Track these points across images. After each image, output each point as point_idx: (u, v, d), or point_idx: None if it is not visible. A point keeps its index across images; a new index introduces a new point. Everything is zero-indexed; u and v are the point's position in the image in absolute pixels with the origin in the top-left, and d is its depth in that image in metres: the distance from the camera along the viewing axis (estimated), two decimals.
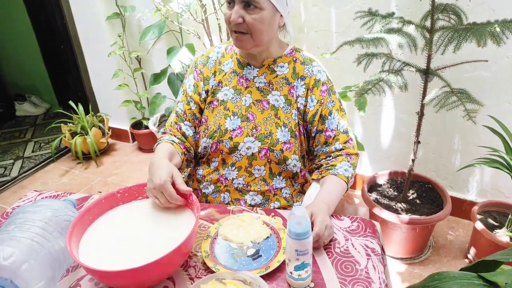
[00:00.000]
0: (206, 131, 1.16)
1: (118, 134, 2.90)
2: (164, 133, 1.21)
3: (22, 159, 2.89)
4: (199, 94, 1.17)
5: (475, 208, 1.67)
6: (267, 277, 0.83)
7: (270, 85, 1.13)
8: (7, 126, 3.44)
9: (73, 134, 2.65)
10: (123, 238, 0.87)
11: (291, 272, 0.80)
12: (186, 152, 1.18)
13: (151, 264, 0.73)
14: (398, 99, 1.89)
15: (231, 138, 1.12)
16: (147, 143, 2.73)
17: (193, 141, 1.20)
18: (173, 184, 0.92)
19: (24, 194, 1.18)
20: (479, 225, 1.57)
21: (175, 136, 1.18)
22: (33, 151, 2.99)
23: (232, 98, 1.15)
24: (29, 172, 2.63)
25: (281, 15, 1.04)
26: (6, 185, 2.49)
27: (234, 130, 1.12)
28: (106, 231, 0.89)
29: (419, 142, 1.54)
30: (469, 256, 1.73)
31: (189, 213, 0.93)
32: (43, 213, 0.85)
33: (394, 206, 1.70)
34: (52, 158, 2.69)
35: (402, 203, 1.71)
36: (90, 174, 2.57)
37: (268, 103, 1.13)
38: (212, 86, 1.16)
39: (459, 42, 1.16)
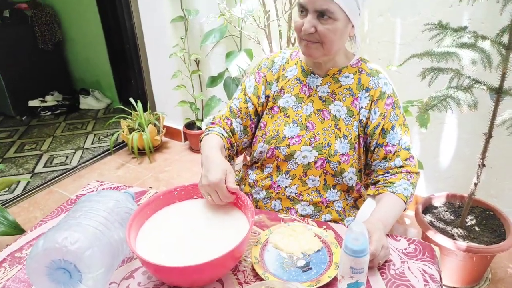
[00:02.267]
0: (263, 136, 1.16)
1: (171, 133, 3.00)
2: (212, 123, 1.21)
3: (83, 149, 3.07)
4: (258, 97, 1.18)
5: None
6: None
7: (333, 95, 1.12)
8: (71, 118, 3.69)
9: (131, 130, 2.79)
10: (178, 235, 0.89)
11: None
12: (230, 148, 1.19)
13: (204, 265, 0.74)
14: (461, 118, 1.79)
15: (288, 146, 1.11)
16: (198, 144, 2.78)
17: (239, 139, 1.21)
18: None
19: (82, 182, 1.25)
20: None
21: (223, 128, 1.19)
22: (92, 143, 3.18)
23: (294, 106, 1.14)
24: (88, 162, 2.80)
25: (353, 26, 1.02)
26: (67, 173, 2.67)
27: (292, 137, 1.12)
28: (162, 226, 0.91)
29: (484, 165, 1.44)
30: None
31: (243, 216, 0.93)
32: (106, 203, 0.89)
33: (450, 231, 1.60)
34: (110, 151, 2.84)
35: (459, 229, 1.60)
36: (143, 169, 2.68)
37: (330, 113, 1.11)
38: (274, 92, 1.16)
39: None
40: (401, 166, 1.09)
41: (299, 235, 0.96)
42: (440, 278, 0.92)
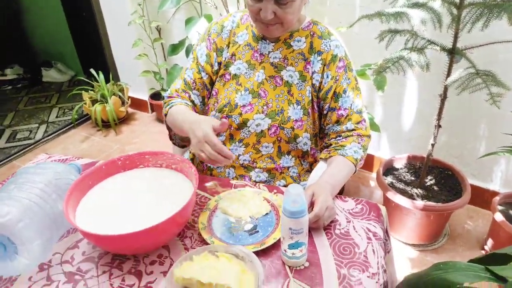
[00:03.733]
0: (215, 104, 1.13)
1: (137, 104, 2.92)
2: (169, 97, 1.16)
3: (47, 123, 2.97)
4: (212, 65, 1.14)
5: (496, 198, 1.58)
6: (262, 253, 0.82)
7: (285, 60, 1.09)
8: (34, 91, 3.54)
9: (94, 102, 2.70)
10: (121, 205, 0.87)
11: (285, 250, 0.78)
12: None
13: (146, 231, 0.73)
14: (422, 80, 1.80)
15: (240, 114, 1.09)
16: None
17: (201, 111, 1.17)
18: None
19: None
20: (498, 217, 1.50)
21: (183, 99, 1.14)
22: (57, 117, 3.07)
23: (246, 73, 1.11)
24: (51, 136, 2.71)
25: None
26: (30, 147, 2.58)
27: (244, 106, 1.09)
28: (104, 196, 0.89)
29: (440, 126, 1.46)
30: (486, 247, 1.66)
31: (189, 184, 0.92)
32: (45, 174, 0.86)
33: (409, 191, 1.64)
34: (73, 124, 2.76)
35: (419, 189, 1.65)
36: (109, 141, 2.62)
37: (282, 79, 1.09)
38: (225, 58, 1.12)
39: (489, 19, 1.06)
40: (352, 130, 1.09)
41: (249, 200, 0.96)
42: (387, 236, 0.94)
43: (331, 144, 1.10)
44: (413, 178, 1.73)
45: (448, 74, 1.32)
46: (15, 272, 0.78)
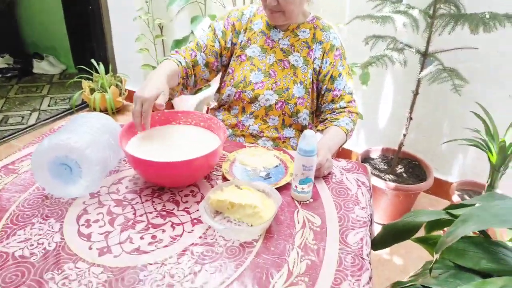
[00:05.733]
0: (232, 80, 1.33)
1: (133, 96, 3.06)
2: (176, 51, 1.29)
3: (39, 111, 3.05)
4: (225, 42, 1.33)
5: (454, 185, 1.87)
6: None
7: (292, 47, 1.31)
8: (24, 81, 3.60)
9: (92, 91, 2.82)
10: (161, 148, 1.05)
11: (296, 186, 0.98)
12: (185, 77, 1.26)
13: (185, 162, 0.90)
14: (397, 82, 2.08)
15: (253, 90, 1.30)
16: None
17: (201, 71, 1.30)
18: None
19: None
20: (456, 198, 1.77)
21: (184, 58, 1.26)
22: (49, 105, 3.16)
23: (259, 55, 1.32)
24: (47, 120, 2.80)
25: None
26: (26, 129, 2.66)
27: (257, 83, 1.30)
28: (146, 142, 1.07)
29: (411, 118, 1.73)
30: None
31: (216, 138, 1.11)
32: (98, 119, 1.03)
33: (383, 177, 1.90)
34: (72, 110, 2.86)
35: (391, 175, 1.90)
36: None
37: (289, 62, 1.31)
38: (242, 41, 1.34)
39: (454, 26, 1.35)
40: (344, 107, 1.32)
41: (262, 154, 1.16)
42: (370, 186, 1.16)
43: (326, 119, 1.33)
44: (386, 167, 1.99)
45: (421, 72, 1.60)
46: (75, 194, 0.94)
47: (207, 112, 1.62)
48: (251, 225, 0.89)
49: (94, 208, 0.94)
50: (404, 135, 1.80)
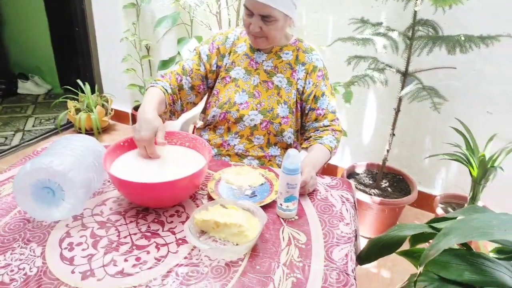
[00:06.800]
0: (216, 102, 1.35)
1: (118, 115, 3.07)
2: (162, 76, 1.31)
3: (23, 131, 3.02)
4: (210, 65, 1.36)
5: (438, 198, 1.90)
6: None
7: (276, 69, 1.34)
8: (8, 102, 3.56)
9: (77, 111, 2.81)
10: (146, 169, 1.05)
11: (281, 204, 0.99)
12: (172, 104, 1.29)
13: (169, 183, 0.91)
14: (379, 100, 2.13)
15: (238, 110, 1.32)
16: None
17: (186, 95, 1.33)
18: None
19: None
20: (439, 211, 1.80)
21: (170, 84, 1.29)
22: (33, 126, 3.12)
23: (243, 77, 1.35)
24: (31, 141, 2.77)
25: (291, 18, 1.24)
26: (9, 150, 2.62)
27: (241, 103, 1.32)
28: (131, 163, 1.07)
29: (394, 135, 1.77)
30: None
31: (201, 156, 1.12)
32: (81, 141, 1.03)
33: (368, 192, 1.92)
34: (57, 130, 2.84)
35: (376, 189, 1.93)
36: None
37: (273, 83, 1.34)
38: (226, 64, 1.36)
39: (432, 47, 1.40)
40: (328, 126, 1.35)
41: (247, 173, 1.17)
42: (354, 202, 1.18)
43: (310, 137, 1.35)
44: (371, 182, 2.01)
45: (401, 91, 1.64)
46: (57, 217, 0.92)
47: (193, 132, 1.64)
48: (237, 244, 0.89)
49: (77, 231, 0.93)
50: (388, 151, 1.83)
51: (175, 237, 0.91)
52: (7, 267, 0.81)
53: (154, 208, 1.01)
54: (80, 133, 2.79)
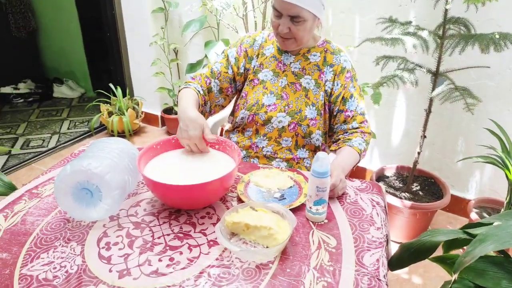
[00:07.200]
0: (245, 104, 1.37)
1: (148, 118, 3.15)
2: (193, 78, 1.35)
3: (59, 134, 3.15)
4: (238, 68, 1.37)
5: (472, 202, 1.84)
6: None
7: (304, 70, 1.35)
8: (45, 105, 3.73)
9: (110, 114, 2.91)
10: (179, 172, 1.08)
11: (310, 207, 1.00)
12: (204, 105, 1.34)
13: (200, 185, 0.93)
14: (409, 101, 2.09)
15: (266, 112, 1.33)
16: (175, 128, 2.96)
17: (215, 97, 1.37)
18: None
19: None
20: (474, 216, 1.74)
21: (201, 86, 1.33)
22: (68, 128, 3.26)
23: (271, 79, 1.36)
24: (67, 143, 2.89)
25: (319, 18, 1.24)
26: (46, 153, 2.75)
27: (269, 105, 1.33)
28: (164, 165, 1.10)
29: (425, 136, 1.73)
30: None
31: (230, 159, 1.14)
32: (117, 144, 1.07)
33: (398, 195, 1.89)
34: (91, 133, 2.95)
35: (406, 193, 1.89)
36: None
37: (301, 85, 1.34)
38: (254, 66, 1.38)
39: (465, 46, 1.36)
40: (357, 128, 1.34)
41: (276, 176, 1.18)
42: (385, 206, 1.16)
43: (339, 139, 1.35)
44: (401, 185, 1.98)
45: (432, 91, 1.61)
46: (95, 218, 0.97)
47: (221, 134, 1.66)
48: (267, 247, 0.90)
49: (114, 230, 0.97)
50: (419, 153, 1.79)
51: (207, 239, 0.93)
52: (50, 264, 0.85)
53: (185, 210, 1.04)
54: (113, 135, 2.89)
